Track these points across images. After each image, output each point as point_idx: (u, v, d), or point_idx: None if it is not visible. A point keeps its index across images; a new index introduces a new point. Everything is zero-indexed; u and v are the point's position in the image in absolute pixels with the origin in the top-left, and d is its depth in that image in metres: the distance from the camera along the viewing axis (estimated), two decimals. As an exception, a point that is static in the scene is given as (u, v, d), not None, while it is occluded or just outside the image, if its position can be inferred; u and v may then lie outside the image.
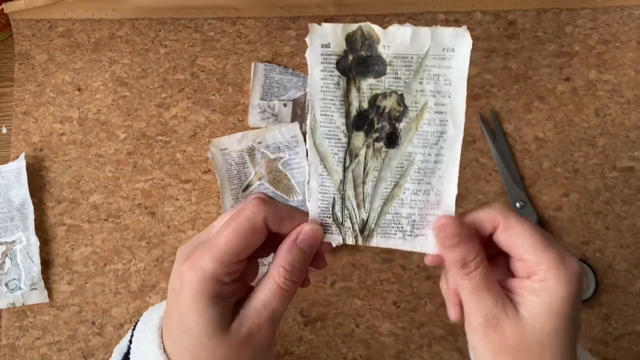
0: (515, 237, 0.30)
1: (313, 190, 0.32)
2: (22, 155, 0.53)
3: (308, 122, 0.31)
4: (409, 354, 0.50)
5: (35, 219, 0.52)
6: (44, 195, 0.53)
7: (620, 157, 0.54)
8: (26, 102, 0.55)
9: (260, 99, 0.55)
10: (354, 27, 0.30)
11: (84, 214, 0.53)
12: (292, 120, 0.54)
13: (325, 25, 0.29)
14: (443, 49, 0.30)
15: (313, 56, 0.30)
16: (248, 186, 0.52)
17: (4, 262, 0.51)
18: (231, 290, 0.31)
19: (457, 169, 0.31)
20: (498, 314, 0.30)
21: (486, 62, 0.56)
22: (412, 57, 0.30)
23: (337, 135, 0.31)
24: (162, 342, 0.32)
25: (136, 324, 0.35)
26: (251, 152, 0.53)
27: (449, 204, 0.32)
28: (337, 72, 0.30)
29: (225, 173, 0.52)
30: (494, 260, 0.33)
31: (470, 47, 0.30)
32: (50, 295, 0.51)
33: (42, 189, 0.53)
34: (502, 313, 0.30)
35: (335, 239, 0.33)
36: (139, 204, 0.53)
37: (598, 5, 0.58)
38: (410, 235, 0.32)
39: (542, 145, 0.55)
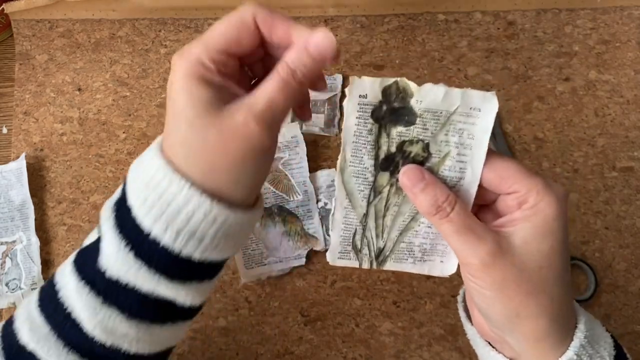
0: (503, 171, 0.31)
1: (337, 221, 0.35)
2: (23, 155, 0.53)
3: (338, 162, 0.33)
4: (408, 353, 0.50)
5: (35, 219, 0.52)
6: (44, 195, 0.53)
7: (619, 157, 0.55)
8: (27, 102, 0.55)
9: (261, 99, 0.55)
10: (390, 81, 0.32)
11: (84, 213, 0.53)
12: (292, 121, 0.54)
13: (365, 78, 0.32)
14: (470, 108, 0.32)
15: (351, 105, 0.32)
16: (248, 186, 0.52)
17: (4, 262, 0.51)
18: (221, 81, 0.30)
19: (470, 208, 0.33)
20: (492, 250, 0.30)
21: (486, 62, 0.57)
22: (441, 112, 0.32)
23: (365, 175, 0.34)
24: (164, 155, 0.31)
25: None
26: (251, 152, 0.53)
27: None
28: (371, 120, 0.33)
29: (225, 173, 0.52)
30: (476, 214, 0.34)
31: (497, 109, 0.32)
32: (50, 295, 0.51)
33: (42, 189, 0.53)
34: (495, 248, 0.30)
35: (351, 264, 0.36)
36: (139, 204, 0.53)
37: (598, 6, 0.58)
38: (420, 260, 0.36)
39: (542, 146, 0.55)
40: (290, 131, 0.53)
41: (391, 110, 0.32)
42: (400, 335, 0.51)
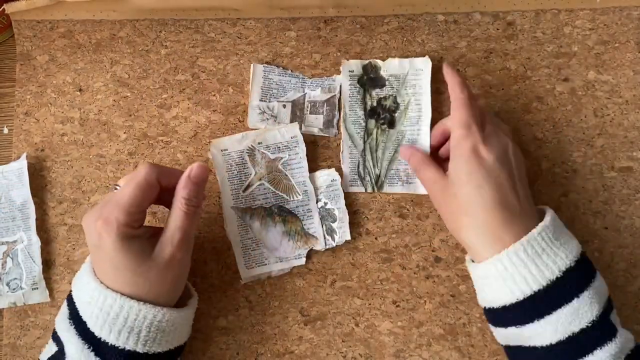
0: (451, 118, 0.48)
1: (345, 157, 0.53)
2: (24, 155, 0.53)
3: (341, 114, 0.53)
4: (408, 353, 0.50)
5: (36, 219, 0.52)
6: (45, 195, 0.54)
7: (618, 157, 0.55)
8: (27, 103, 0.56)
9: (260, 100, 0.55)
10: (367, 62, 0.54)
11: (85, 213, 0.53)
12: (292, 121, 0.54)
13: (351, 60, 0.55)
14: (416, 69, 0.54)
15: (344, 77, 0.54)
16: (248, 186, 0.53)
17: (5, 262, 0.52)
18: (141, 232, 0.41)
19: (429, 137, 0.52)
20: (437, 171, 0.49)
21: (485, 62, 0.57)
22: (400, 75, 0.54)
23: (359, 122, 0.53)
24: (97, 278, 0.41)
25: (68, 298, 0.43)
26: (251, 152, 0.53)
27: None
28: (358, 86, 0.54)
29: (225, 173, 0.52)
30: None
31: (430, 68, 0.54)
32: (51, 294, 0.51)
33: (43, 189, 0.54)
34: (439, 172, 0.48)
35: (359, 189, 0.53)
36: (140, 204, 0.53)
37: (597, 6, 0.58)
38: (407, 182, 0.53)
39: (541, 146, 0.55)
40: (290, 131, 0.53)
41: (369, 79, 0.54)
42: (399, 334, 0.51)
